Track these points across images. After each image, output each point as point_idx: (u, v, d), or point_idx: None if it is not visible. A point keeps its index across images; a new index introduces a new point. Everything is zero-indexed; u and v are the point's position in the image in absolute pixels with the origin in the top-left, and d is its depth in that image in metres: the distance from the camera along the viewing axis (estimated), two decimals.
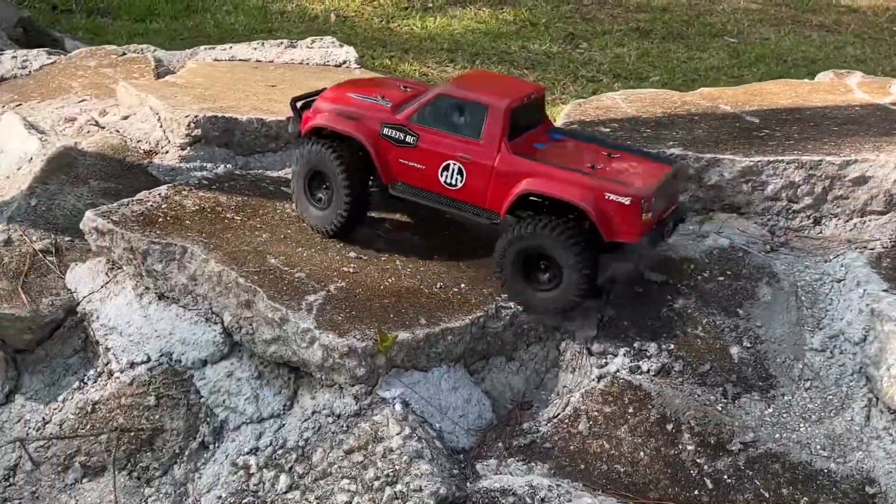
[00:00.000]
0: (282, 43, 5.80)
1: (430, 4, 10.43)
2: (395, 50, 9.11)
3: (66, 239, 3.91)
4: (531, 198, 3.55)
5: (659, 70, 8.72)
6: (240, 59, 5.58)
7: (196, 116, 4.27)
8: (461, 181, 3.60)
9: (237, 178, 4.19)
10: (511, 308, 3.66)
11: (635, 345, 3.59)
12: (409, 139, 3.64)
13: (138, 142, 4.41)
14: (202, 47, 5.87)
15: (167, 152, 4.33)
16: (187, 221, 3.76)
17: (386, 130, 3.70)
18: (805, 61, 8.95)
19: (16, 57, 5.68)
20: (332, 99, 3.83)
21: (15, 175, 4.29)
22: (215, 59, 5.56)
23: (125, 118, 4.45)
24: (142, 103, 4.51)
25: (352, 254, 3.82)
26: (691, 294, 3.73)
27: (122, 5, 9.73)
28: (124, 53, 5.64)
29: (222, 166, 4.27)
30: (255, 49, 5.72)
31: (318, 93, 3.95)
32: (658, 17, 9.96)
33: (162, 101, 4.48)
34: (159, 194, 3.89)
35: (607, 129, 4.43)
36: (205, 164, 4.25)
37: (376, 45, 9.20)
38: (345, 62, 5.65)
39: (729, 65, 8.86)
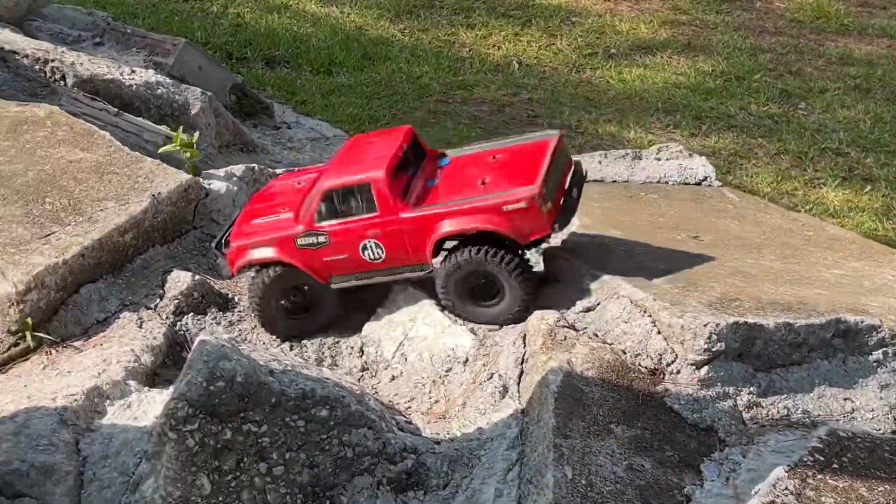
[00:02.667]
0: (626, 154, 5.08)
1: (614, 51, 9.71)
2: (609, 111, 8.40)
3: None
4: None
5: None
6: (594, 180, 4.85)
7: (717, 325, 3.26)
8: (383, 253, 3.79)
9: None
10: None
11: None
12: (322, 239, 3.83)
13: (636, 356, 3.40)
14: None
15: (678, 372, 3.33)
16: None
17: (300, 241, 3.87)
18: None
19: None
20: (240, 234, 3.98)
21: (446, 382, 3.54)
22: None
23: (587, 310, 3.54)
24: (602, 287, 3.60)
25: None
26: None
27: (299, 54, 8.94)
28: None
29: (746, 392, 3.31)
30: (601, 163, 4.99)
31: (227, 230, 4.12)
32: (871, 73, 9.25)
33: (644, 293, 3.52)
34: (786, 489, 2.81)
35: None
36: (727, 389, 3.27)
37: (586, 105, 8.48)
38: (705, 179, 4.94)
39: None
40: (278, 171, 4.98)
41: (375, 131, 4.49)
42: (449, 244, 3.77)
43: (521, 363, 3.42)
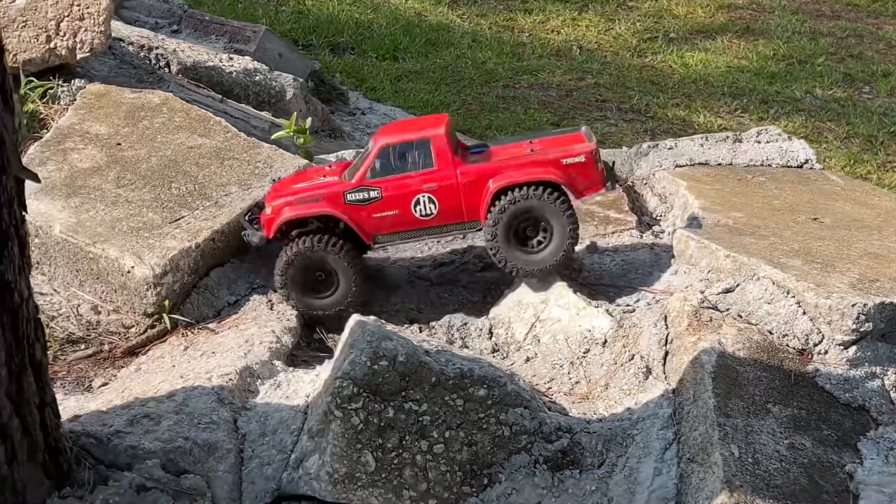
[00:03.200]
0: (727, 137, 5.11)
1: (673, 35, 9.71)
2: (677, 95, 8.42)
3: None
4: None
5: None
6: (699, 163, 4.89)
7: (865, 306, 3.30)
8: (436, 208, 3.91)
9: None
10: None
11: None
12: (373, 194, 3.91)
13: (783, 336, 3.41)
14: (645, 145, 5.17)
15: (825, 352, 3.36)
16: None
17: (350, 196, 3.94)
18: None
19: None
20: (282, 195, 4.01)
21: (585, 363, 3.60)
22: (676, 165, 4.86)
23: (727, 291, 3.60)
24: (739, 269, 3.68)
25: None
26: None
27: (363, 41, 8.98)
28: None
29: (893, 372, 3.35)
30: (703, 146, 5.02)
31: (254, 205, 4.20)
32: None
33: (785, 274, 3.54)
34: None
35: None
36: (874, 369, 3.32)
37: (652, 89, 8.50)
38: (806, 161, 4.96)
39: None
40: None
41: (413, 118, 4.52)
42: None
43: (665, 344, 3.47)
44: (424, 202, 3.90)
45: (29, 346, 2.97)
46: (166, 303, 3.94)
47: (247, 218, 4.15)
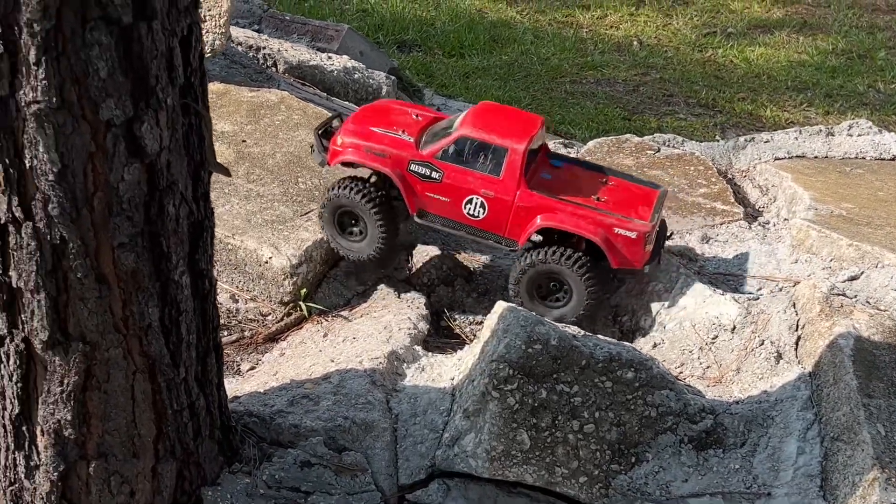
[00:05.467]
0: (820, 130, 5.24)
1: (732, 30, 9.82)
2: (742, 90, 8.53)
3: None
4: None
5: None
6: (796, 156, 5.02)
7: None
8: (483, 213, 4.00)
9: None
10: None
11: None
12: (435, 175, 3.99)
13: None
14: (742, 139, 5.31)
15: None
16: None
17: (413, 167, 4.02)
18: None
19: None
20: (356, 133, 4.07)
21: (714, 348, 3.74)
22: (775, 158, 5.00)
23: (853, 279, 3.76)
24: (863, 257, 3.85)
25: None
26: None
27: (428, 38, 9.14)
28: (658, 149, 5.07)
29: None
30: (797, 139, 5.16)
31: (333, 118, 4.27)
32: None
33: None
34: None
35: None
36: None
37: (717, 84, 8.62)
38: None
39: None
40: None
41: (510, 108, 4.68)
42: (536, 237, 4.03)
43: (797, 330, 3.62)
44: (476, 204, 3.99)
45: (213, 330, 3.16)
46: (302, 292, 4.12)
47: (319, 133, 4.22)
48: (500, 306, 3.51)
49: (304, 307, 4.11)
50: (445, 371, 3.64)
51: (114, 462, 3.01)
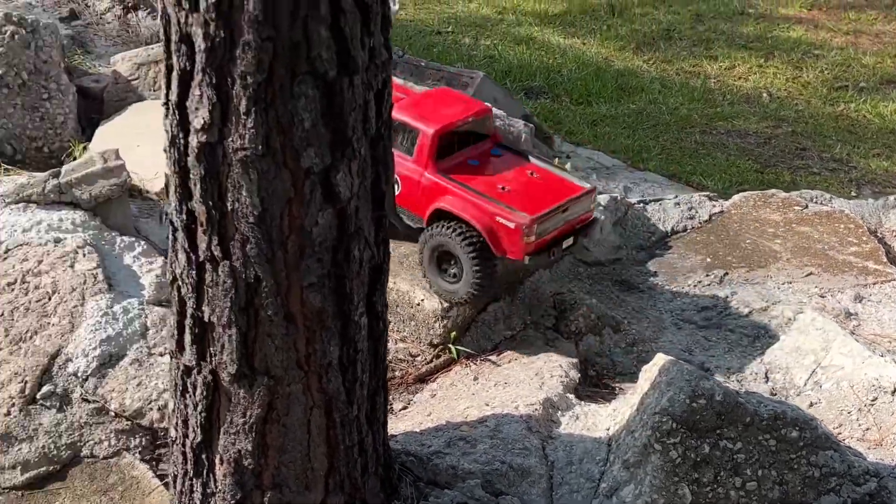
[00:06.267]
0: None
1: (864, 84, 9.63)
2: (877, 146, 8.36)
3: None
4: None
5: None
6: None
7: None
8: (398, 189, 4.25)
9: None
10: None
11: None
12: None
13: None
14: (892, 198, 5.21)
15: None
16: None
17: None
18: None
19: (679, 203, 5.14)
20: None
21: (874, 410, 3.67)
22: None
23: None
24: None
25: None
26: None
27: (555, 85, 9.25)
28: (806, 206, 5.02)
29: None
30: None
31: None
32: None
33: None
34: None
35: None
36: None
37: (851, 139, 8.46)
38: None
39: None
40: (631, 199, 5.24)
41: (462, 95, 4.78)
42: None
43: None
44: (398, 181, 4.24)
45: (383, 370, 3.27)
46: (452, 335, 4.21)
47: None
48: (662, 359, 3.52)
49: (453, 350, 4.20)
50: (600, 421, 3.66)
51: (287, 493, 3.13)
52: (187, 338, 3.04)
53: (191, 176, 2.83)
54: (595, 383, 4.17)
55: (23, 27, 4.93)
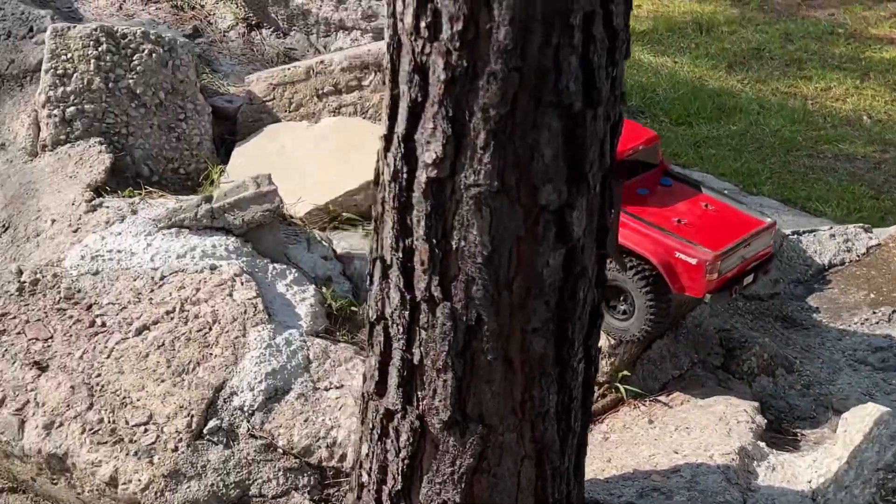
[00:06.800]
0: None
1: None
2: None
3: None
4: None
5: None
6: None
7: None
8: None
9: None
10: None
11: None
12: None
13: None
14: None
15: None
16: None
17: None
18: None
19: (834, 235, 4.92)
20: None
21: None
22: None
23: None
24: None
25: None
26: None
27: (652, 104, 9.05)
28: None
29: None
30: None
31: None
32: None
33: None
34: None
35: None
36: None
37: None
38: None
39: None
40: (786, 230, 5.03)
41: (630, 122, 4.48)
42: None
43: None
44: None
45: (589, 418, 3.08)
46: (620, 374, 4.02)
47: None
48: (876, 410, 3.31)
49: (621, 389, 4.00)
50: (800, 472, 3.45)
51: None
52: (392, 380, 2.88)
53: (414, 212, 2.66)
54: (776, 428, 3.95)
55: (160, 45, 4.81)
